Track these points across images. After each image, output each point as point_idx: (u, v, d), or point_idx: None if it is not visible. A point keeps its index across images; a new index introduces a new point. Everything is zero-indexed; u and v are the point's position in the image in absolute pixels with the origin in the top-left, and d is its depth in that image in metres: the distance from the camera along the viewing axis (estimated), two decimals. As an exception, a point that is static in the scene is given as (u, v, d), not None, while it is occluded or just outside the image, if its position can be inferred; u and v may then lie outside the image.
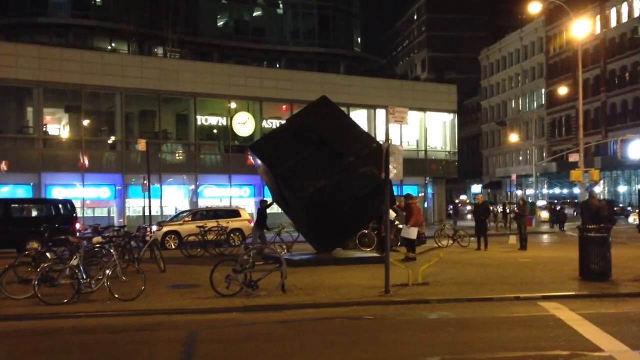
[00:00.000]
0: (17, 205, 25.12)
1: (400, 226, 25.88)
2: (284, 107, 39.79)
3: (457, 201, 68.15)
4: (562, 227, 38.22)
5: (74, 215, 24.09)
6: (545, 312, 10.89)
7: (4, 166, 31.17)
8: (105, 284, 12.15)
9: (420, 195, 43.62)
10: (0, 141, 32.81)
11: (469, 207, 67.11)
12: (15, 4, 50.14)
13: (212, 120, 39.18)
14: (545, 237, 32.74)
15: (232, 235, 25.59)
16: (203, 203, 35.86)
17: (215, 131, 39.46)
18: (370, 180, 17.44)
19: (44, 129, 34.50)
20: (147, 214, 27.75)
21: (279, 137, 19.93)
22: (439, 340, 9.06)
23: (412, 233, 18.44)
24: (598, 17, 64.52)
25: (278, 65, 58.85)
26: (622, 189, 64.21)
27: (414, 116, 39.05)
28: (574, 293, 12.70)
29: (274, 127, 40.10)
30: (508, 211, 38.06)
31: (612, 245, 14.26)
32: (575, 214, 48.08)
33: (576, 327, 9.56)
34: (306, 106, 20.70)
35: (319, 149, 17.85)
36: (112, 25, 50.49)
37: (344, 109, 34.79)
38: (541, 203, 52.46)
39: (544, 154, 70.72)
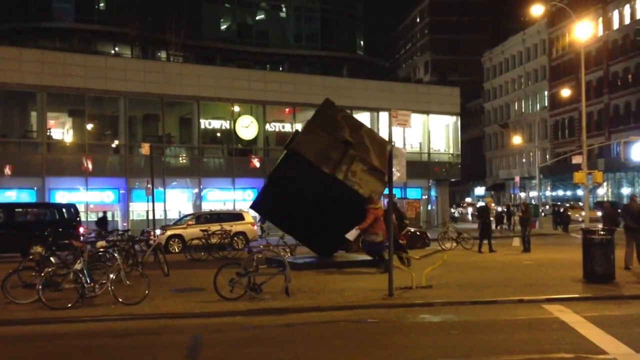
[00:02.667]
0: (20, 210, 25.14)
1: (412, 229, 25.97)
2: (287, 110, 39.84)
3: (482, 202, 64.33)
4: (565, 228, 38.16)
5: (78, 219, 24.10)
6: (549, 315, 10.89)
7: (7, 170, 31.24)
8: (109, 288, 12.16)
9: (424, 197, 43.61)
10: (4, 145, 32.88)
11: (470, 209, 67.04)
12: (19, 9, 50.33)
13: (216, 124, 39.22)
14: (549, 238, 32.68)
15: (235, 238, 25.60)
16: (206, 206, 35.86)
17: (218, 134, 39.51)
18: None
19: (48, 133, 34.55)
20: (150, 217, 27.76)
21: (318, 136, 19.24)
22: (442, 343, 9.06)
23: (351, 234, 16.69)
24: (600, 19, 64.45)
25: (281, 69, 58.94)
26: (625, 190, 64.00)
27: (416, 118, 39.01)
28: (577, 295, 12.69)
29: (277, 130, 40.23)
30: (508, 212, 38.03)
31: (615, 247, 14.24)
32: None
33: (580, 330, 9.56)
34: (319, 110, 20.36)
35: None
36: (115, 29, 50.66)
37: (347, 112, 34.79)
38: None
39: (547, 156, 70.62)
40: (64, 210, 24.27)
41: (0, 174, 31.00)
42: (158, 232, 25.36)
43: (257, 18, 61.67)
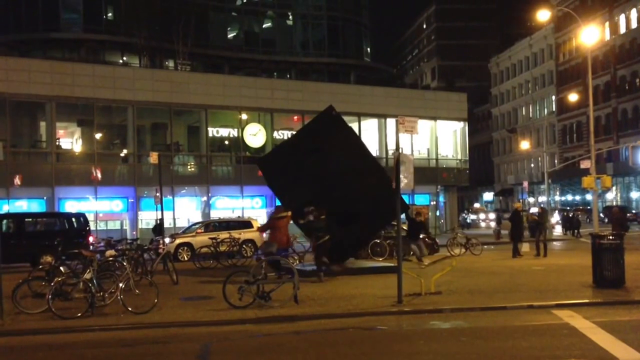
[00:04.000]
0: (30, 219, 25.28)
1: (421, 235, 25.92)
2: (295, 117, 39.89)
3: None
4: (575, 233, 37.95)
5: (87, 228, 24.20)
6: (559, 320, 10.84)
7: (17, 180, 31.42)
8: (119, 297, 12.20)
9: (432, 203, 43.53)
10: (13, 156, 33.03)
11: (483, 215, 66.83)
12: (27, 20, 50.68)
13: (223, 132, 39.33)
14: (559, 243, 32.52)
15: (244, 246, 25.63)
16: (215, 214, 35.90)
17: (226, 142, 39.61)
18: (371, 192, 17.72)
19: (57, 143, 34.73)
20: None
21: (283, 150, 20.13)
22: (452, 349, 9.03)
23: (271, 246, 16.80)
24: (607, 24, 64.28)
25: (288, 76, 59.06)
26: (635, 194, 63.70)
27: (424, 125, 38.99)
28: (587, 300, 12.63)
29: (285, 137, 40.26)
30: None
31: (625, 251, 14.17)
32: (587, 220, 47.70)
33: (590, 335, 9.51)
34: (314, 117, 20.87)
35: (315, 158, 18.01)
36: (123, 39, 50.93)
37: (354, 118, 34.96)
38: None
39: (555, 161, 70.40)
40: (73, 219, 24.38)
41: (10, 184, 31.16)
42: (167, 240, 25.43)
43: (264, 26, 61.88)
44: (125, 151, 36.21)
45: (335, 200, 17.57)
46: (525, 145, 70.84)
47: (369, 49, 67.28)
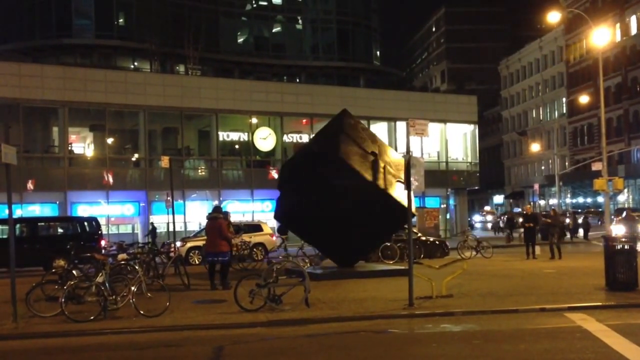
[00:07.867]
0: (43, 224, 25.45)
1: (423, 237, 25.91)
2: (304, 120, 40.00)
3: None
4: (585, 236, 37.78)
5: (99, 232, 24.35)
6: (572, 323, 10.79)
7: (30, 185, 31.68)
8: (131, 301, 12.25)
9: (442, 206, 43.44)
10: (27, 161, 33.30)
11: (490, 217, 66.51)
12: (40, 26, 51.17)
13: (234, 136, 39.50)
14: (569, 246, 32.35)
15: (254, 249, 25.67)
16: (225, 218, 35.95)
17: (236, 146, 39.77)
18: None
19: (69, 148, 35.04)
20: (170, 229, 27.97)
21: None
22: (464, 353, 9.00)
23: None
24: (618, 25, 63.92)
25: (298, 80, 59.20)
26: (648, 197, 63.18)
27: (434, 127, 38.94)
28: (600, 303, 12.56)
29: (295, 141, 40.35)
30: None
31: (638, 254, 14.09)
32: (599, 222, 47.35)
33: (603, 338, 9.46)
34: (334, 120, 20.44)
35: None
36: (134, 44, 51.32)
37: (364, 122, 34.91)
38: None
39: (566, 163, 70.04)
40: (85, 223, 24.56)
41: (23, 188, 31.43)
42: (178, 244, 25.53)
43: (274, 30, 62.11)
44: (136, 155, 36.44)
45: (344, 204, 17.52)
46: (535, 147, 70.55)
47: (378, 53, 67.33)
